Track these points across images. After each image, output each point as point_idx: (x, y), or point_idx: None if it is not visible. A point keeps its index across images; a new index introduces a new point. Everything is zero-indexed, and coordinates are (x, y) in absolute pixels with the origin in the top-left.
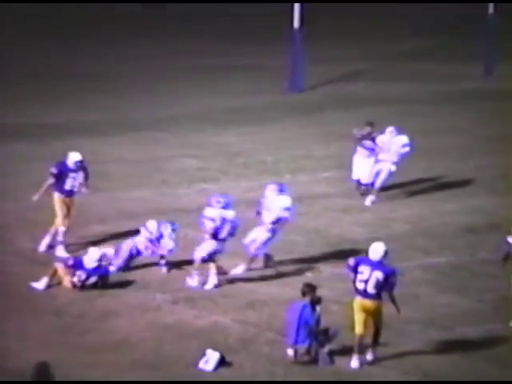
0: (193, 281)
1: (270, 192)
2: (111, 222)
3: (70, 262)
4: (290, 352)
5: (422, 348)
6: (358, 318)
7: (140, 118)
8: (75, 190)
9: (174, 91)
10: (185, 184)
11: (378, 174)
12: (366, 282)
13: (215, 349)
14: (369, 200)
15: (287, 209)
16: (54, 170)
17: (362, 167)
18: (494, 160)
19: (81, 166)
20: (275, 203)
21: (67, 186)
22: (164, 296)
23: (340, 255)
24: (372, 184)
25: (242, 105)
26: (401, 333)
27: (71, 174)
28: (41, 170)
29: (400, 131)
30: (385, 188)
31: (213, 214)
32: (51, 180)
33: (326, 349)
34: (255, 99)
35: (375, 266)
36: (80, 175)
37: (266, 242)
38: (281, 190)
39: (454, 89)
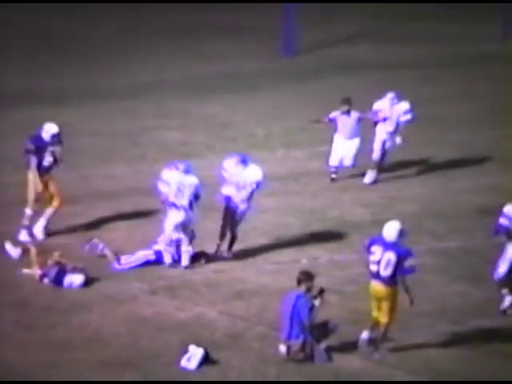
0: (166, 257)
1: (232, 166)
2: (82, 203)
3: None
4: (283, 348)
5: (430, 343)
6: (373, 305)
7: (114, 84)
8: (53, 165)
9: (152, 55)
10: (165, 160)
11: (383, 147)
12: (378, 263)
13: (199, 344)
14: (368, 177)
15: (258, 183)
16: (30, 146)
17: (344, 150)
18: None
19: (58, 140)
20: (243, 177)
21: (45, 162)
22: (141, 285)
23: (339, 239)
24: (380, 159)
25: (230, 70)
26: (406, 326)
27: (49, 148)
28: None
29: (401, 97)
30: (389, 164)
31: (169, 176)
32: (33, 160)
33: (323, 345)
34: (244, 64)
35: (388, 246)
36: (58, 149)
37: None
38: (244, 162)
39: (468, 52)
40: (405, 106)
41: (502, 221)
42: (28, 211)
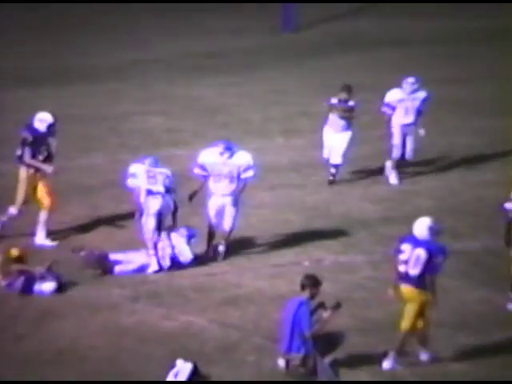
0: (152, 266)
1: (216, 155)
2: (55, 198)
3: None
4: (282, 362)
5: (450, 356)
6: (403, 310)
7: (91, 65)
8: (46, 161)
9: (133, 32)
10: (148, 149)
11: (404, 143)
12: (407, 262)
13: (187, 358)
14: (393, 177)
15: (250, 167)
16: (29, 137)
17: (333, 143)
18: None
19: (54, 131)
20: (233, 165)
21: (40, 156)
22: (122, 291)
23: (345, 239)
24: (403, 156)
25: (222, 48)
26: None
27: (46, 141)
28: None
29: (421, 82)
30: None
31: (135, 169)
32: (29, 152)
33: (328, 359)
34: (238, 41)
35: (418, 243)
36: (53, 142)
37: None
38: (229, 149)
39: (491, 26)
40: (422, 94)
41: None
42: (13, 211)
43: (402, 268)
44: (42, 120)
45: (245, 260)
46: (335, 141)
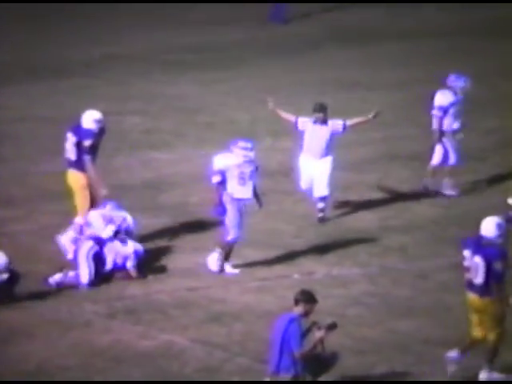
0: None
1: (236, 157)
2: (24, 205)
3: None
4: None
5: (453, 378)
6: (471, 320)
7: (62, 60)
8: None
9: (108, 23)
10: (124, 151)
11: (446, 151)
12: (469, 270)
13: (167, 380)
14: (449, 189)
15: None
16: (88, 141)
17: (313, 172)
18: None
19: (104, 128)
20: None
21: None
22: (95, 307)
23: (339, 250)
24: (443, 163)
25: (206, 41)
26: (427, 358)
27: (99, 141)
28: None
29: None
30: (405, 157)
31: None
32: (89, 157)
33: (320, 380)
34: (224, 33)
35: (476, 248)
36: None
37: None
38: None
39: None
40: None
41: None
42: (80, 221)
43: (467, 275)
44: (95, 119)
45: (229, 273)
46: (315, 169)
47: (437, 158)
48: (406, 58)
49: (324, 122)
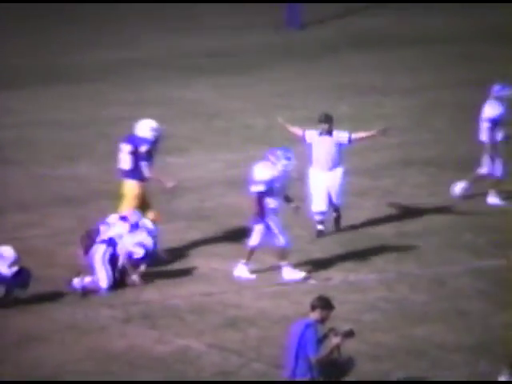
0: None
1: (275, 168)
2: (38, 210)
3: None
4: None
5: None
6: None
7: (78, 64)
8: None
9: (125, 27)
10: None
11: (493, 161)
12: None
13: None
14: (493, 198)
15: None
16: (144, 147)
17: (325, 184)
18: None
19: (160, 136)
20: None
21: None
22: (111, 312)
23: (355, 256)
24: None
25: (222, 46)
26: (440, 363)
27: (156, 149)
28: None
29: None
30: (418, 162)
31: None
32: (147, 166)
33: None
34: (240, 39)
35: None
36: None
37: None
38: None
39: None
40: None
41: None
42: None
43: None
44: (152, 128)
45: (245, 279)
46: (327, 181)
47: (486, 168)
48: (418, 63)
49: (329, 132)
